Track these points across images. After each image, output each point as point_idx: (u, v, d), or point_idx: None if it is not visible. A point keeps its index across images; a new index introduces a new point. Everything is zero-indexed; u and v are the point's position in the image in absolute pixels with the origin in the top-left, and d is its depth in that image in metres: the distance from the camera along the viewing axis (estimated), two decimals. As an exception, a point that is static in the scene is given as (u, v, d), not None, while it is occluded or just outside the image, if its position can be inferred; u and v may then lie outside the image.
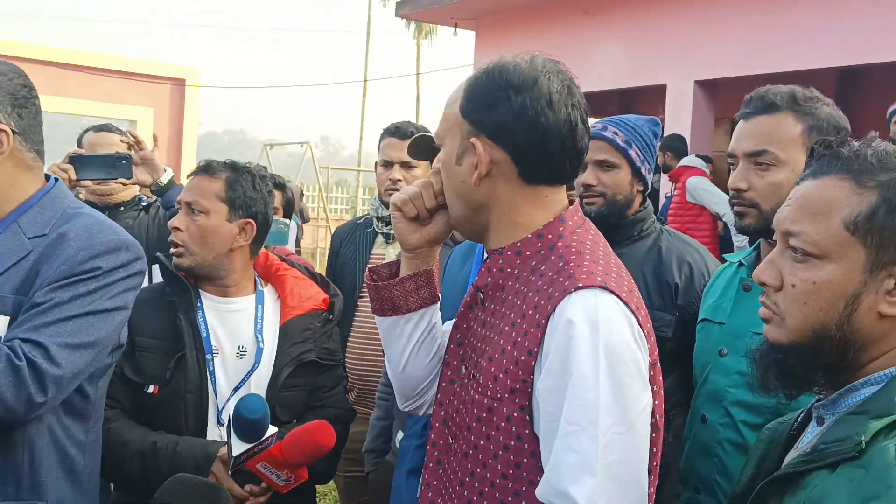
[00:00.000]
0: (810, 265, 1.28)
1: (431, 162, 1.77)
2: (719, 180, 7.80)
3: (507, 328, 1.56)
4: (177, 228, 2.34)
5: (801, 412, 1.43)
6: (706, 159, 8.14)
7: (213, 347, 2.31)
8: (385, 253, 3.16)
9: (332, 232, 3.62)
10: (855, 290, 1.25)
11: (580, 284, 1.49)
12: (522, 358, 1.51)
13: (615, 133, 2.54)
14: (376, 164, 3.29)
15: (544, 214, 1.61)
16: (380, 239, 3.27)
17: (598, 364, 1.43)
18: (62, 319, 1.77)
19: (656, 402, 1.53)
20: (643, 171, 2.58)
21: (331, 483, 3.81)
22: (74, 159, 3.09)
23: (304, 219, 18.03)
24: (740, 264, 2.15)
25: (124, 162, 3.11)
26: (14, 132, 1.88)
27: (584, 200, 2.57)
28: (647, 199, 2.67)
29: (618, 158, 2.54)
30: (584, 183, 2.56)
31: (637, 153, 2.55)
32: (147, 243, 3.27)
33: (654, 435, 1.52)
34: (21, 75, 1.94)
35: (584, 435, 1.41)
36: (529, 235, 1.60)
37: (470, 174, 1.59)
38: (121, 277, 1.89)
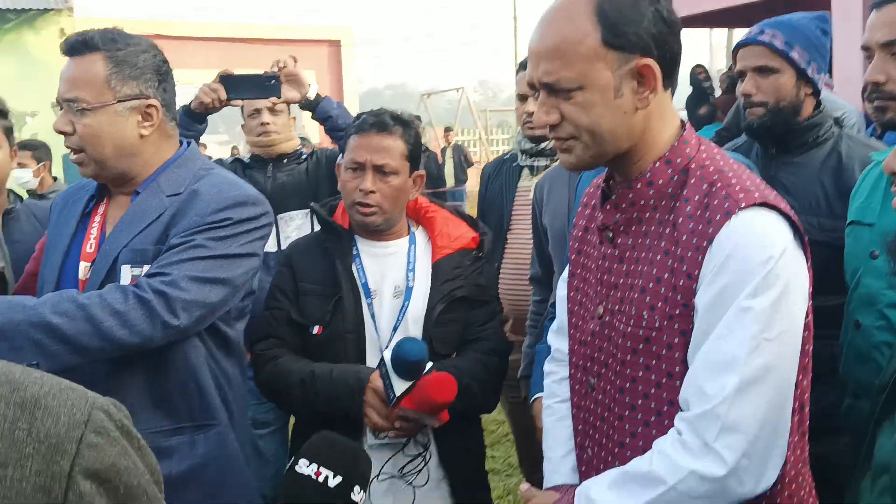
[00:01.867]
0: None
1: None
2: None
3: (658, 257, 1.55)
4: (369, 191, 2.40)
5: None
6: None
7: (372, 290, 2.44)
8: (531, 185, 3.18)
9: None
10: None
11: (743, 205, 1.47)
12: (681, 283, 1.50)
13: (773, 36, 2.41)
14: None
15: (670, 127, 1.59)
16: (525, 172, 3.28)
17: (758, 279, 1.43)
18: (194, 259, 1.95)
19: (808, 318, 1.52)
20: (809, 72, 2.43)
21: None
22: (225, 79, 3.13)
23: (469, 163, 18.20)
24: (888, 162, 2.04)
25: (273, 81, 3.14)
26: (162, 105, 2.07)
27: (746, 111, 2.47)
28: (822, 103, 2.52)
29: (777, 62, 2.41)
30: (743, 92, 2.45)
31: (800, 53, 2.41)
32: (300, 192, 3.50)
33: (806, 347, 1.52)
34: (160, 51, 2.11)
35: (733, 338, 1.42)
36: (657, 163, 1.57)
37: (632, 101, 1.53)
38: (249, 228, 2.06)
